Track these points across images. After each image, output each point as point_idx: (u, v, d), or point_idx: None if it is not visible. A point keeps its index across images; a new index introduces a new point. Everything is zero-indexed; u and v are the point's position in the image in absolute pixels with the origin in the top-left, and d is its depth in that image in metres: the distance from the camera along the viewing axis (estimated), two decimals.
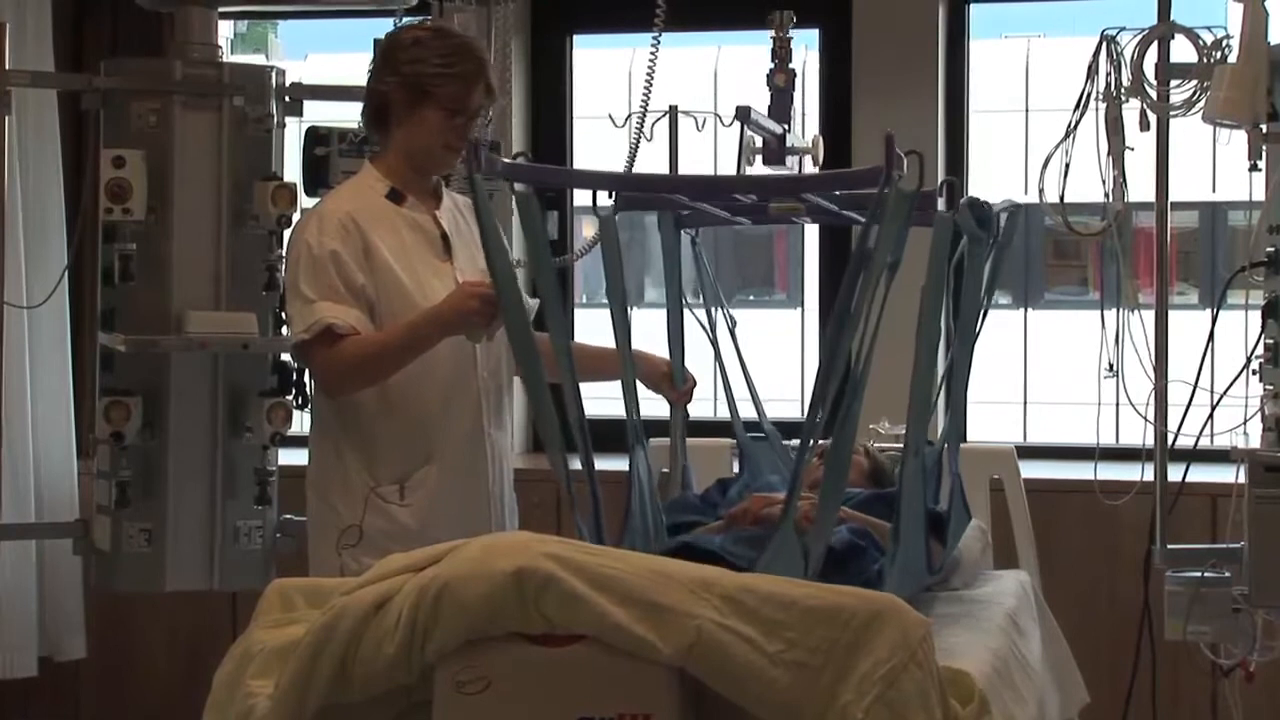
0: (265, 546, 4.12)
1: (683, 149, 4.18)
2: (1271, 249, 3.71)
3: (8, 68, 4.12)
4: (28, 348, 4.81)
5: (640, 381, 3.35)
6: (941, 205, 2.84)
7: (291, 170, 4.14)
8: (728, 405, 3.70)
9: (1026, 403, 9.10)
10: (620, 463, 3.22)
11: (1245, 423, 3.78)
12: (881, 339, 2.67)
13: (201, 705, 2.56)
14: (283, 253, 3.93)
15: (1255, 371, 3.76)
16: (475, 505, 3.39)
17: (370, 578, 2.49)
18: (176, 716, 4.76)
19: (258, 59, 8.65)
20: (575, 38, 5.47)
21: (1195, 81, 3.82)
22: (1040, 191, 3.84)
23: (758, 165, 3.68)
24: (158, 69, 4.10)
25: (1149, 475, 3.91)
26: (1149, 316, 3.90)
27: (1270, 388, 3.72)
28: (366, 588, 2.45)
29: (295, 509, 3.81)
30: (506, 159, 3.03)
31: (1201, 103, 3.79)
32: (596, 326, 3.57)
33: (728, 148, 3.66)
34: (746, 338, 3.72)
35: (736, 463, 3.78)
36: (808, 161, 3.83)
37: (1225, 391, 3.77)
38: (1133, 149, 3.87)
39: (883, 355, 2.68)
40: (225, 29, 5.16)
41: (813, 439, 2.66)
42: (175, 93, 4.02)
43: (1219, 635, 3.81)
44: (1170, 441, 3.87)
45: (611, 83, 7.70)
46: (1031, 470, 4.31)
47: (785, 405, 7.35)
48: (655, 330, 3.60)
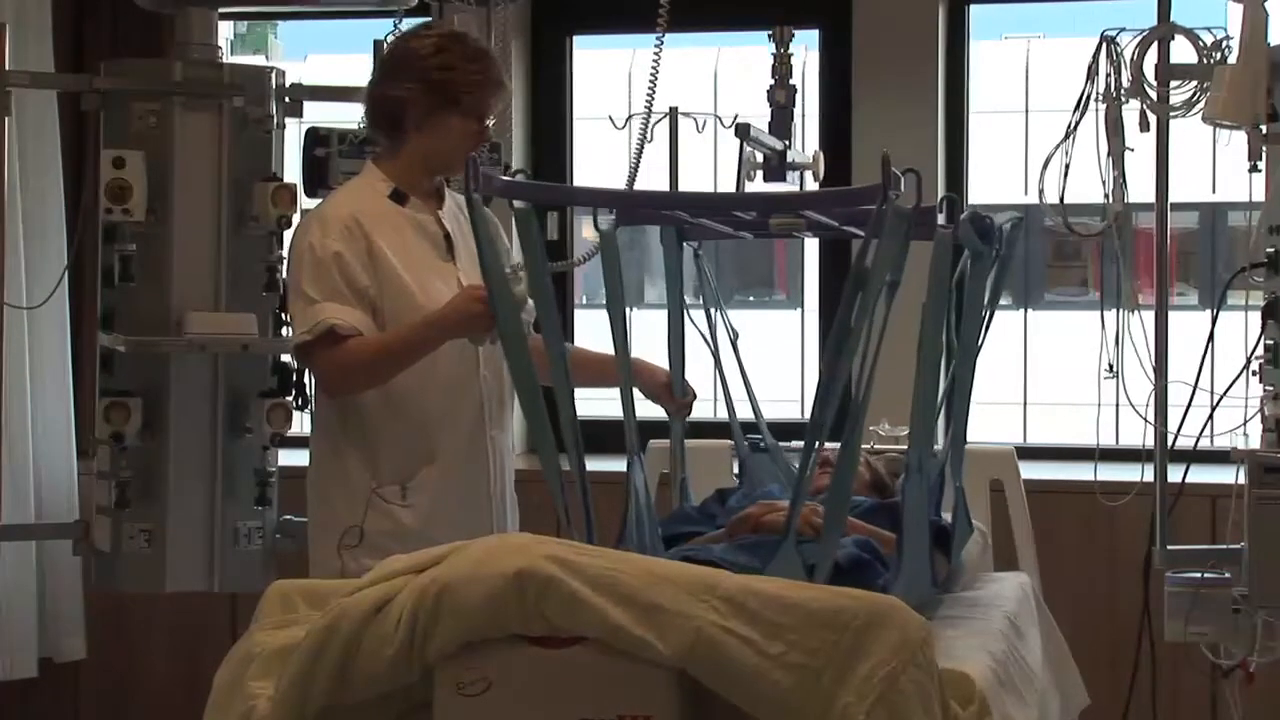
0: (265, 547, 4.11)
1: (683, 150, 4.18)
2: (1271, 250, 3.70)
3: (8, 68, 4.12)
4: (28, 348, 4.79)
5: (640, 391, 3.33)
6: (941, 220, 2.79)
7: (291, 171, 4.14)
8: (728, 417, 3.66)
9: (1026, 403, 9.12)
10: (620, 463, 3.20)
11: (1245, 423, 3.78)
12: (883, 342, 2.65)
13: (201, 706, 2.55)
14: (283, 253, 3.93)
15: (1255, 372, 3.76)
16: (477, 506, 3.39)
17: (371, 579, 2.48)
18: (176, 717, 4.76)
19: (258, 60, 8.66)
20: (575, 38, 5.46)
21: (1195, 82, 3.83)
22: (1040, 192, 3.84)
23: (758, 181, 3.67)
24: (158, 70, 4.10)
25: (1149, 476, 3.91)
26: (1149, 317, 3.90)
27: (1270, 388, 3.72)
28: (367, 589, 2.45)
29: (295, 510, 3.81)
30: (506, 166, 3.00)
31: (1201, 103, 3.80)
32: (596, 328, 3.56)
33: (728, 150, 3.66)
34: (747, 338, 3.71)
35: (736, 465, 3.75)
36: (808, 177, 3.83)
37: (1225, 392, 3.77)
38: (1133, 150, 3.87)
39: (884, 356, 2.66)
40: (225, 30, 5.15)
41: (812, 456, 2.63)
42: (175, 94, 4.02)
43: (1219, 636, 3.81)
44: (1170, 442, 3.87)
45: (612, 83, 7.70)
46: (1031, 471, 4.31)
47: (785, 406, 7.36)
48: (655, 331, 3.58)
